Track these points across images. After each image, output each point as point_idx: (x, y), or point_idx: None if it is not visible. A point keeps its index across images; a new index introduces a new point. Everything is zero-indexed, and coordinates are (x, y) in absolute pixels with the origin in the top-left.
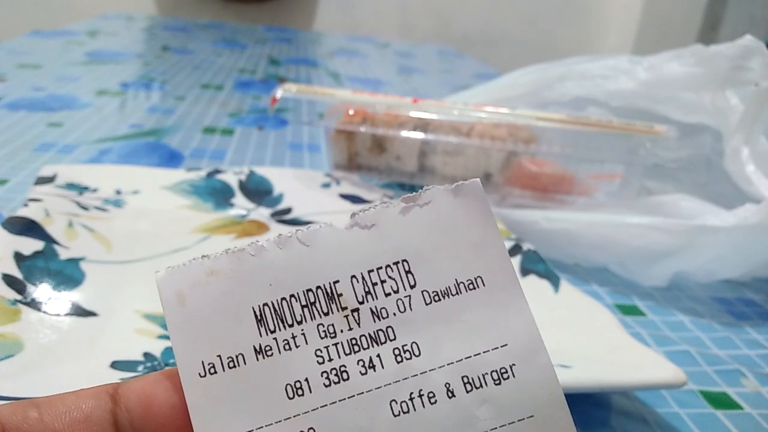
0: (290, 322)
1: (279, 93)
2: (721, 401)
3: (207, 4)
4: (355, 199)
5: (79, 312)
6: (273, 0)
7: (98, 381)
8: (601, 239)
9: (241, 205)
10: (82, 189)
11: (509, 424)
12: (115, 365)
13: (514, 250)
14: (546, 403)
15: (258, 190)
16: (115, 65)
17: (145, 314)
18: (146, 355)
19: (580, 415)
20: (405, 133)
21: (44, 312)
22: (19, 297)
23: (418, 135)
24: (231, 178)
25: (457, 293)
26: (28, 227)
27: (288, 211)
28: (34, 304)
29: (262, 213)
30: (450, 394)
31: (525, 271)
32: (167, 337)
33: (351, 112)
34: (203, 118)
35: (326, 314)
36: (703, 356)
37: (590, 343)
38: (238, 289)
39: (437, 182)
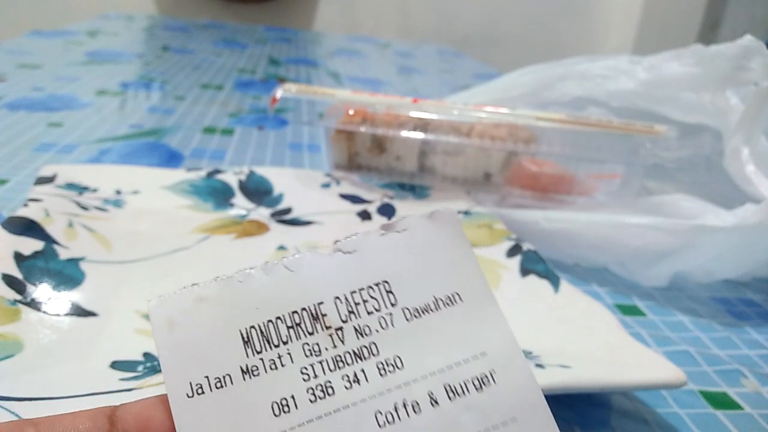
0: (276, 343)
1: (279, 93)
2: (721, 401)
3: (207, 4)
4: (355, 199)
5: (79, 312)
6: (273, 0)
7: (98, 381)
8: (601, 239)
9: (241, 205)
10: (82, 189)
11: (493, 427)
12: (115, 365)
13: (514, 250)
14: (527, 405)
15: (258, 190)
16: (115, 65)
17: (145, 314)
18: (146, 355)
19: (580, 415)
20: (405, 133)
21: (44, 312)
22: (19, 297)
23: (418, 135)
24: (231, 178)
25: (436, 309)
26: (28, 227)
27: (288, 211)
28: (34, 304)
29: (262, 213)
30: (434, 403)
31: (525, 271)
32: None
33: (351, 112)
34: (203, 118)
35: (311, 334)
36: (703, 356)
37: (590, 343)
38: (225, 313)
39: (437, 182)
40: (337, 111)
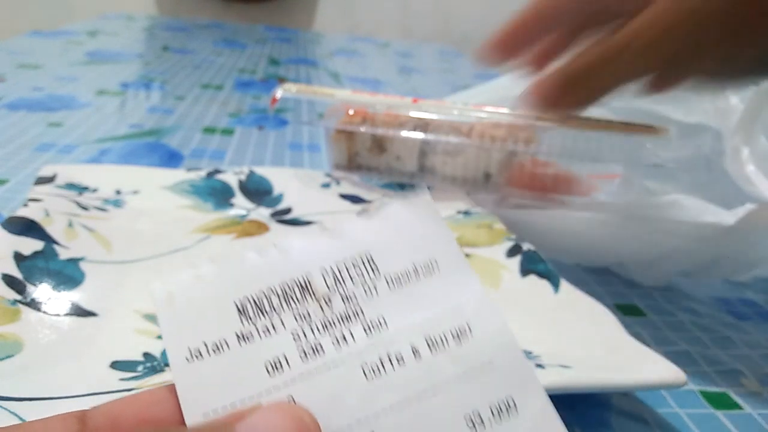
0: (269, 311)
1: (279, 93)
2: (721, 401)
3: (207, 4)
4: (355, 199)
5: (79, 312)
6: (273, 0)
7: (98, 381)
8: (601, 239)
9: (241, 205)
10: (82, 189)
11: (471, 370)
12: (115, 365)
13: (514, 250)
14: (501, 349)
15: (258, 190)
16: (115, 65)
17: (145, 314)
18: (146, 355)
19: (580, 415)
20: (405, 134)
21: (44, 312)
22: (19, 297)
23: (418, 135)
24: (231, 178)
25: (415, 275)
26: (28, 227)
27: (288, 211)
28: (34, 304)
29: (262, 213)
30: (416, 354)
31: (525, 271)
32: None
33: (351, 112)
34: (203, 118)
35: (301, 302)
36: (703, 356)
37: (590, 343)
38: (221, 288)
39: (437, 182)
40: (337, 111)
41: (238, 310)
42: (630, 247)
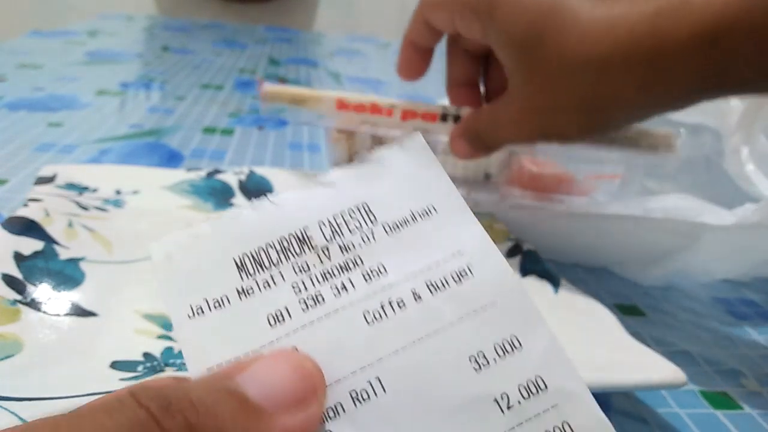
0: (268, 265)
1: (265, 87)
2: (721, 401)
3: (207, 4)
4: None
5: (79, 312)
6: (273, 0)
7: (98, 381)
8: (601, 239)
9: (241, 205)
10: (82, 189)
11: (474, 311)
12: (115, 365)
13: (514, 250)
14: (504, 290)
15: (258, 190)
16: (115, 65)
17: (145, 314)
18: (146, 355)
19: None
20: (405, 134)
21: (44, 312)
22: (19, 297)
23: (418, 136)
24: (231, 178)
25: (413, 221)
26: (28, 227)
27: None
28: (34, 304)
29: None
30: (417, 298)
31: (525, 271)
32: (167, 338)
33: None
34: (203, 118)
35: (299, 254)
36: (703, 356)
37: (590, 343)
38: (219, 245)
39: None
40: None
41: (237, 266)
42: (630, 247)
